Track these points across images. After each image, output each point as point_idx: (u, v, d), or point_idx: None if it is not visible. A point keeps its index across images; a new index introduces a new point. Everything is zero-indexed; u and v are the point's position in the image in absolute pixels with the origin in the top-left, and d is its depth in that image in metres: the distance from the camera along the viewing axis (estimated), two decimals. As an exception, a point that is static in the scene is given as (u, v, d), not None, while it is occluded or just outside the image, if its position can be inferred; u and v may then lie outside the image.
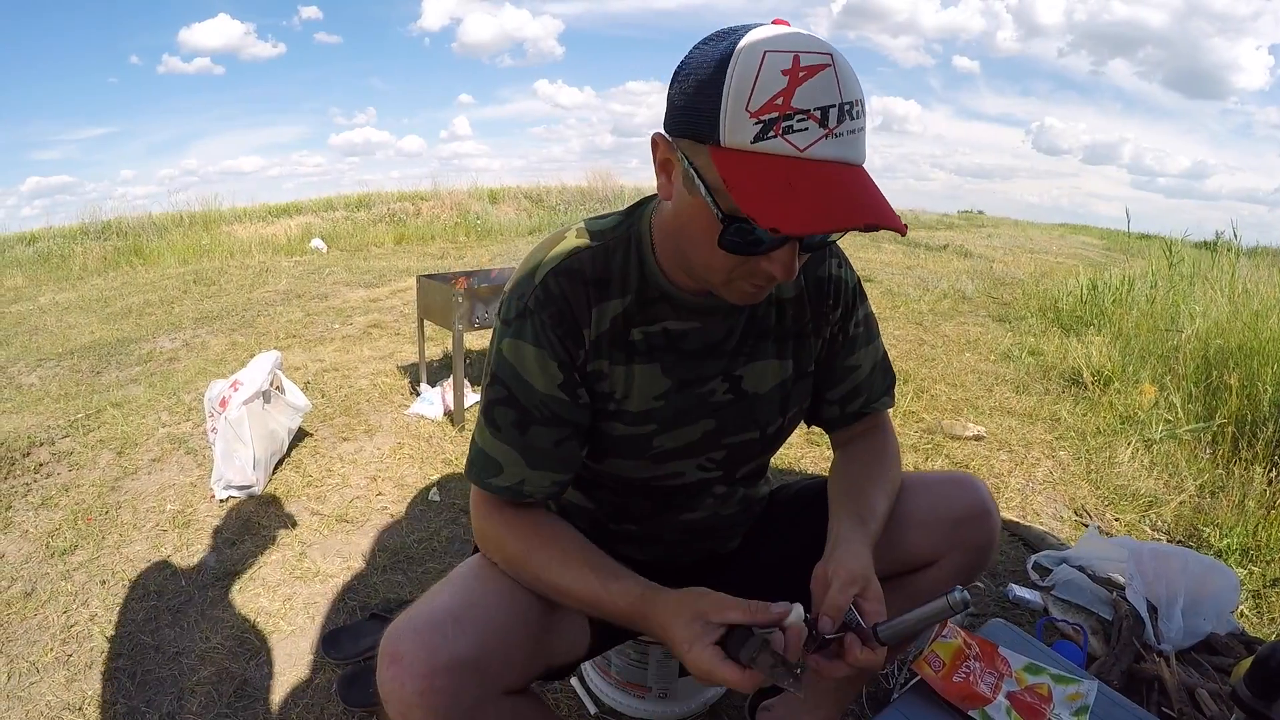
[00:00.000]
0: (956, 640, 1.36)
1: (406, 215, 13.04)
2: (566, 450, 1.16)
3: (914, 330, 6.06)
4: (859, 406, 1.36)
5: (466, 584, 1.16)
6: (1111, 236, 21.41)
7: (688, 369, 1.19)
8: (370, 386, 4.29)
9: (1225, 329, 4.78)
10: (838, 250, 1.30)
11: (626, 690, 1.86)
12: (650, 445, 1.22)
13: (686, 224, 0.98)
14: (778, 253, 0.94)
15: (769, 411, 1.28)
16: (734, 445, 1.29)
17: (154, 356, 4.83)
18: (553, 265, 1.13)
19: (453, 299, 3.49)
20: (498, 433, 1.14)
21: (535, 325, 1.11)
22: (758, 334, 1.23)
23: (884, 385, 1.39)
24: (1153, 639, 2.08)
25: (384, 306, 6.33)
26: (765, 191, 0.84)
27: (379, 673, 1.03)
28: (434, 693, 0.99)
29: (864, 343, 1.34)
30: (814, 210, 0.84)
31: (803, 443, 3.64)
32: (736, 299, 1.05)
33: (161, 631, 2.17)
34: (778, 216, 0.83)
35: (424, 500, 3.00)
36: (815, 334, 1.29)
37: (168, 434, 3.56)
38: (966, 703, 1.29)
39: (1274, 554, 2.71)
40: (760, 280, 0.99)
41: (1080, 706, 1.32)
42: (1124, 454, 3.65)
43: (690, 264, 1.05)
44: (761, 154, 0.84)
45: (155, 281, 7.60)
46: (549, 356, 1.11)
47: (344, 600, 2.35)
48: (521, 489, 1.15)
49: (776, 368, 1.26)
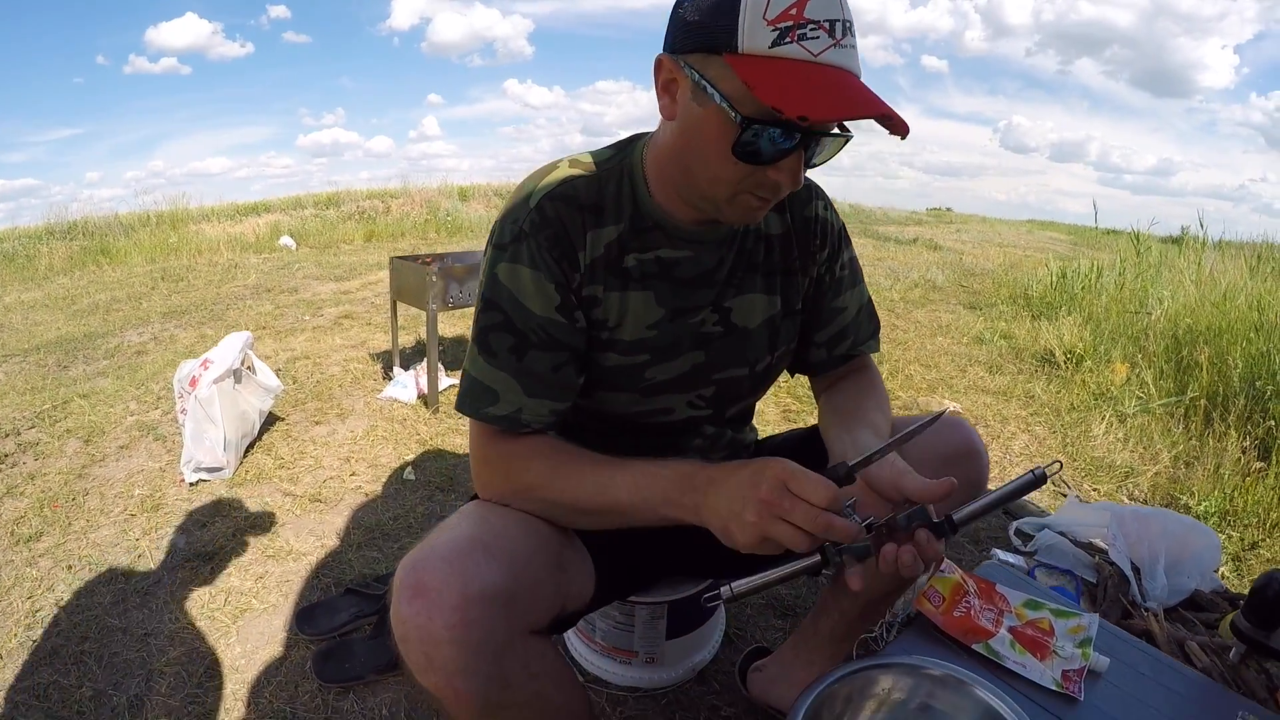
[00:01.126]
0: (954, 576, 1.35)
1: (376, 213, 12.87)
2: (564, 376, 1.15)
3: (886, 317, 6.07)
4: (846, 349, 1.38)
5: (483, 516, 1.10)
6: (1079, 232, 21.67)
7: (680, 298, 1.20)
8: (342, 373, 4.23)
9: (1194, 309, 4.87)
10: (823, 194, 1.34)
11: (612, 656, 1.83)
12: (642, 376, 1.22)
13: (694, 138, 1.00)
14: (785, 161, 0.97)
15: (758, 347, 1.29)
16: (723, 381, 1.29)
17: (121, 350, 4.73)
18: (547, 190, 1.13)
19: (427, 278, 3.45)
20: (493, 359, 1.12)
21: (531, 248, 1.10)
22: (746, 266, 1.25)
23: (870, 329, 1.41)
24: (1138, 597, 2.08)
25: (355, 298, 6.26)
26: (786, 87, 0.89)
27: (396, 609, 0.95)
28: (466, 625, 0.93)
29: (849, 285, 1.37)
30: (834, 100, 0.90)
31: (779, 419, 3.64)
32: (738, 216, 1.08)
33: (129, 614, 2.11)
34: (804, 106, 0.88)
35: (399, 479, 2.95)
36: (803, 272, 1.31)
37: (136, 422, 3.48)
38: (969, 636, 1.28)
39: (1251, 518, 2.77)
40: (767, 191, 1.02)
41: (1084, 638, 1.32)
42: (1099, 428, 3.70)
43: (695, 182, 1.06)
44: (779, 58, 0.89)
45: (122, 279, 7.44)
46: (546, 279, 1.10)
47: (318, 577, 2.31)
48: (519, 417, 1.12)
49: (764, 302, 1.28)
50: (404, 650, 0.95)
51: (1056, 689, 1.24)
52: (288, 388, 3.82)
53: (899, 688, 1.03)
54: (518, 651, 1.01)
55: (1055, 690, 1.24)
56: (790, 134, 0.94)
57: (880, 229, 16.56)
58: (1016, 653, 1.27)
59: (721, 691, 1.86)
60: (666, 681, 1.84)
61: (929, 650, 1.23)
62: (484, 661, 0.95)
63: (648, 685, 1.84)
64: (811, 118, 0.88)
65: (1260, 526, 2.74)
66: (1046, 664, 1.27)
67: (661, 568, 1.51)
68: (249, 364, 3.09)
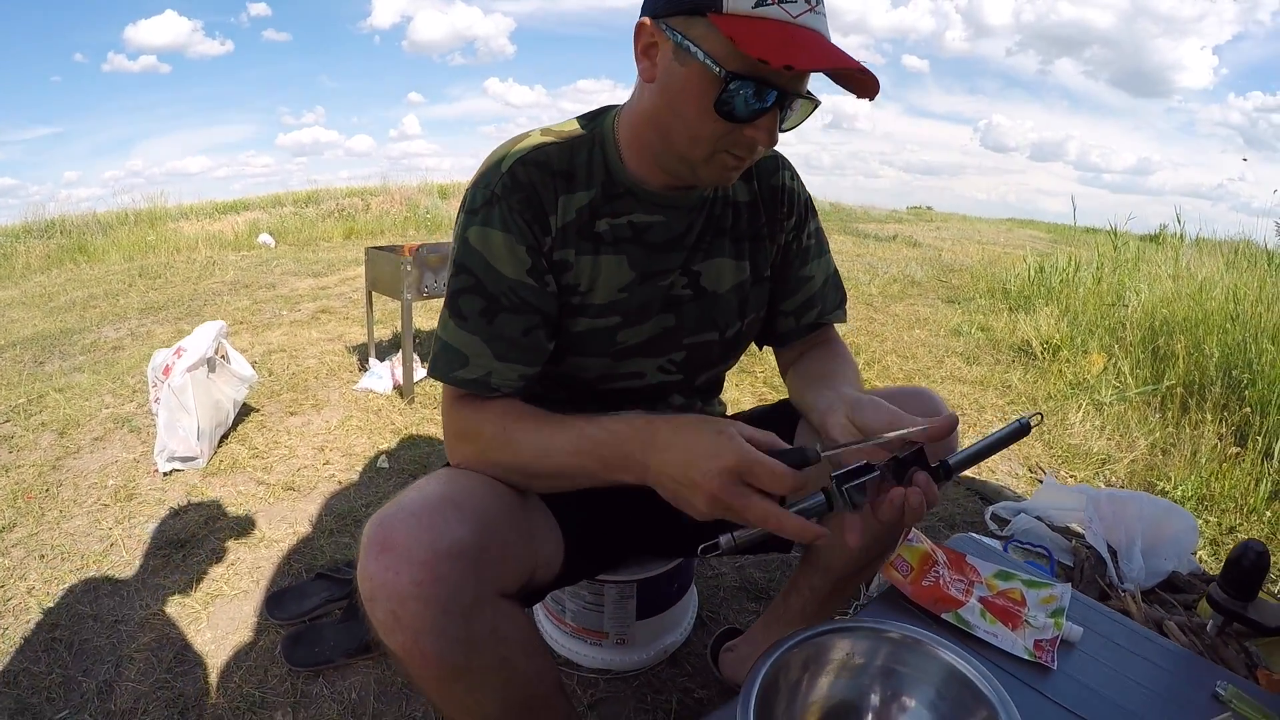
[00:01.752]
0: (923, 545, 1.34)
1: (356, 210, 12.86)
2: (534, 340, 1.15)
3: (864, 310, 6.12)
4: (814, 318, 1.40)
5: (451, 477, 1.08)
6: (1058, 230, 21.78)
7: (651, 261, 1.21)
8: (318, 365, 4.20)
9: (1170, 302, 4.92)
10: (789, 165, 1.38)
11: (582, 638, 1.81)
12: (614, 340, 1.23)
13: (675, 97, 1.03)
14: (762, 120, 1.00)
15: (727, 312, 1.31)
16: (693, 345, 1.30)
17: (98, 346, 4.69)
18: (519, 155, 1.15)
19: (401, 267, 3.42)
20: (463, 323, 1.12)
21: (503, 211, 1.11)
22: (715, 232, 1.27)
23: (836, 299, 1.43)
24: (1115, 579, 2.08)
25: (332, 294, 6.23)
26: (770, 42, 0.93)
27: (363, 566, 0.94)
28: (435, 582, 0.91)
29: (816, 255, 1.40)
30: (814, 53, 0.95)
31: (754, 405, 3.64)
32: (713, 177, 1.11)
33: (100, 601, 2.09)
34: (788, 56, 0.92)
35: (373, 468, 2.93)
36: (770, 239, 1.35)
37: (111, 414, 3.45)
38: (938, 605, 1.26)
39: (1228, 503, 2.79)
40: (743, 150, 1.05)
41: (1056, 609, 1.31)
42: (1075, 417, 3.72)
43: (673, 143, 1.08)
44: (760, 18, 0.94)
45: (100, 277, 7.38)
46: (517, 241, 1.12)
47: (289, 563, 2.29)
48: (489, 380, 1.12)
49: (733, 268, 1.30)
50: (370, 608, 0.94)
51: (1029, 658, 1.22)
52: (264, 380, 3.80)
53: (858, 652, 1.01)
54: (486, 613, 0.99)
55: (1027, 659, 1.22)
56: (766, 92, 0.98)
57: (860, 227, 16.64)
58: (987, 622, 1.26)
59: (694, 674, 1.84)
60: (638, 663, 1.83)
61: (897, 619, 1.21)
62: (451, 621, 0.94)
63: (619, 667, 1.82)
64: (796, 67, 0.92)
65: (1237, 511, 2.76)
66: (1018, 633, 1.26)
67: (630, 542, 1.49)
68: (223, 353, 3.06)
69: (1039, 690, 1.18)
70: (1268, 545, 2.50)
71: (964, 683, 0.94)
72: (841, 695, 1.01)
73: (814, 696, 1.00)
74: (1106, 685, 1.21)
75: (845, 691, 1.01)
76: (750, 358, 4.40)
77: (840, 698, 1.01)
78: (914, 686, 1.00)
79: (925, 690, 0.99)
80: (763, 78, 0.96)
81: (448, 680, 0.98)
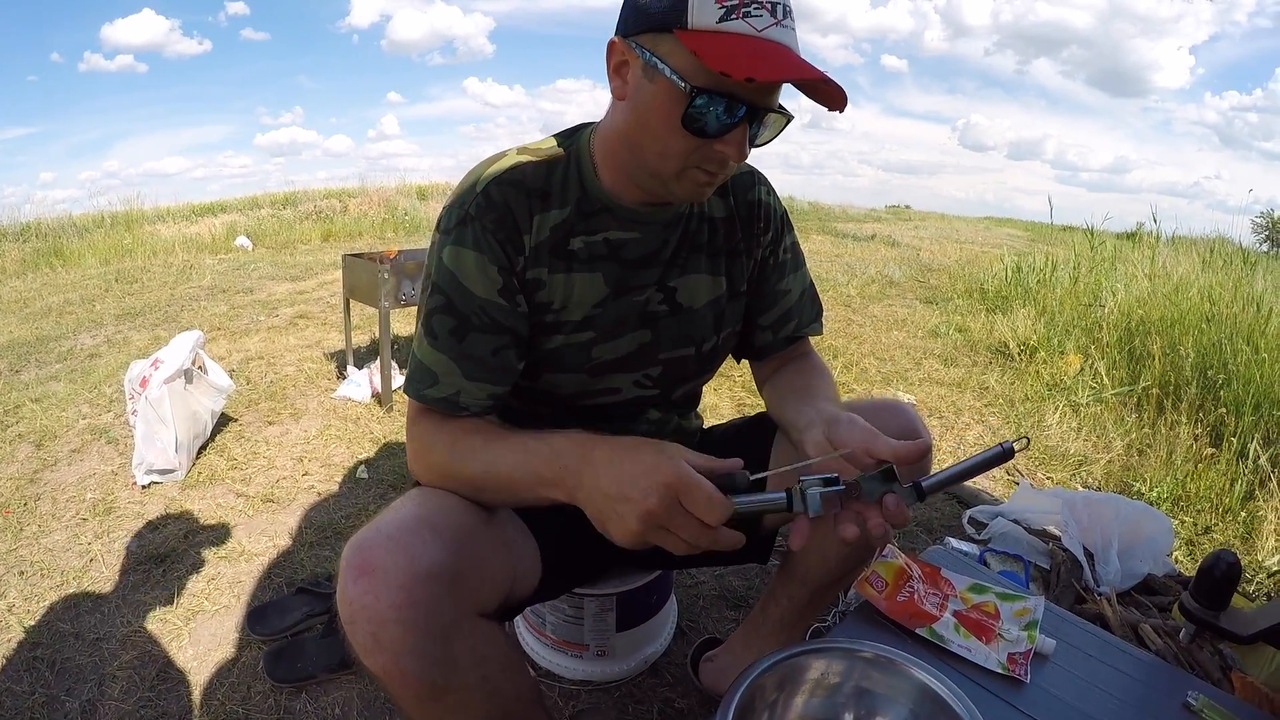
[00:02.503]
0: (898, 561, 1.35)
1: (334, 212, 12.79)
2: (504, 360, 1.15)
3: (842, 311, 6.14)
4: (790, 331, 1.42)
5: (426, 498, 1.08)
6: (1036, 228, 21.97)
7: (626, 277, 1.22)
8: (296, 373, 4.18)
9: (1147, 302, 4.95)
10: (765, 180, 1.39)
11: (563, 650, 1.81)
12: (589, 355, 1.23)
13: (645, 114, 1.04)
14: (731, 134, 1.01)
15: (703, 327, 1.32)
16: (669, 361, 1.31)
17: (74, 353, 4.65)
18: (494, 176, 1.15)
19: (378, 275, 3.41)
20: (435, 342, 1.13)
21: (476, 231, 1.12)
22: (691, 247, 1.28)
23: (813, 312, 1.46)
24: (1091, 582, 2.10)
25: (310, 298, 6.21)
26: (734, 55, 0.93)
27: (343, 589, 0.94)
28: (412, 605, 0.92)
29: (792, 269, 1.42)
30: (777, 64, 0.95)
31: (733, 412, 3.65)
32: (686, 193, 1.11)
33: (82, 619, 2.08)
34: (750, 69, 0.92)
35: (352, 478, 2.92)
36: (747, 254, 1.36)
37: (88, 425, 3.42)
38: (913, 621, 1.27)
39: (1204, 503, 2.82)
40: (713, 165, 1.06)
41: (1029, 621, 1.32)
42: (1052, 418, 3.75)
43: (644, 159, 1.09)
44: (725, 33, 0.95)
45: (76, 282, 7.32)
46: (489, 261, 1.12)
47: (270, 578, 2.28)
48: (457, 400, 1.13)
49: (709, 283, 1.32)
50: (350, 631, 0.94)
51: (1002, 671, 1.23)
52: (241, 388, 3.78)
53: (833, 671, 1.02)
54: (465, 633, 1.00)
55: (1001, 673, 1.24)
56: (735, 107, 0.98)
57: (839, 226, 16.71)
58: (961, 636, 1.27)
59: (674, 683, 1.85)
60: (619, 674, 1.83)
61: (872, 635, 1.23)
62: (431, 642, 0.94)
63: (600, 678, 1.82)
64: (757, 79, 0.92)
65: (1213, 511, 2.79)
66: (992, 647, 1.27)
67: (607, 558, 1.50)
68: (200, 364, 3.04)
69: (1012, 704, 1.19)
70: (1242, 545, 2.55)
71: (937, 702, 0.95)
72: (816, 715, 1.02)
73: (789, 716, 1.01)
74: (1079, 698, 1.23)
75: (820, 711, 1.02)
76: (729, 364, 4.40)
77: (815, 717, 1.02)
78: (888, 706, 1.01)
79: (899, 709, 1.01)
80: (730, 92, 0.97)
81: (428, 701, 0.98)
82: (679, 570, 2.20)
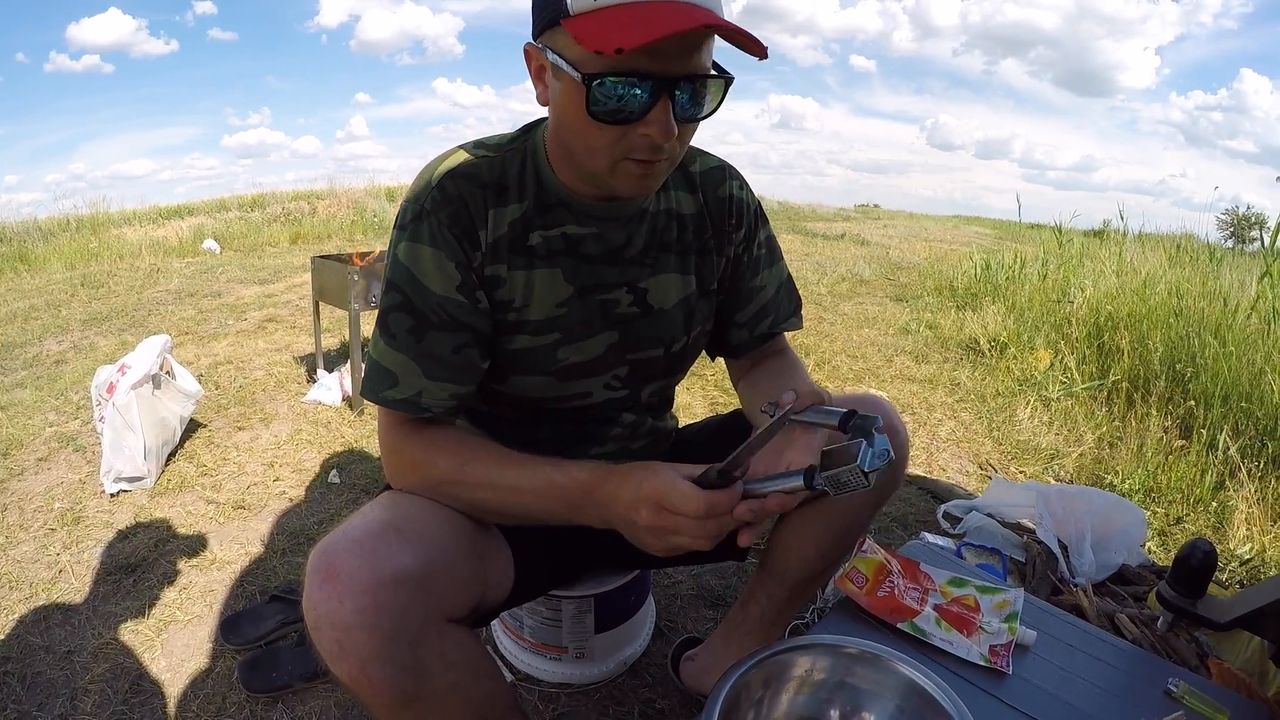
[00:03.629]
0: (878, 557, 1.35)
1: (302, 214, 12.68)
2: (465, 358, 1.12)
3: (813, 309, 6.15)
4: (767, 327, 1.38)
5: (396, 502, 1.07)
6: (1004, 226, 22.15)
7: (588, 275, 1.19)
8: (266, 377, 4.13)
9: (1115, 297, 5.00)
10: (737, 174, 1.34)
11: (541, 653, 1.79)
12: (555, 358, 1.20)
13: (563, 114, 1.01)
14: (650, 115, 0.95)
15: (672, 327, 1.28)
16: (638, 361, 1.28)
17: (40, 360, 4.57)
18: (449, 169, 1.12)
19: (348, 277, 3.38)
20: (393, 341, 1.10)
21: (432, 226, 1.08)
22: (659, 246, 1.24)
23: (790, 307, 1.42)
24: (1067, 574, 2.11)
25: (279, 301, 6.14)
26: (608, 30, 0.88)
27: (308, 595, 0.92)
28: (378, 610, 0.90)
29: (767, 264, 1.37)
30: (651, 25, 0.87)
31: (707, 412, 3.64)
32: (628, 188, 1.05)
33: (52, 631, 2.03)
34: (619, 38, 0.86)
35: (324, 484, 2.89)
36: (718, 251, 1.32)
37: (55, 433, 3.36)
38: (893, 615, 1.27)
39: (1175, 494, 2.86)
40: (642, 152, 0.99)
41: (1009, 613, 1.33)
42: (1024, 413, 3.78)
43: (576, 159, 1.06)
44: (606, 7, 0.90)
45: (41, 287, 7.20)
46: (446, 257, 1.09)
47: (243, 585, 2.25)
48: (419, 401, 1.09)
49: (679, 282, 1.27)
50: (316, 638, 0.92)
51: (984, 664, 1.24)
52: (210, 393, 3.72)
53: (818, 668, 1.02)
54: (434, 640, 0.98)
55: (983, 665, 1.24)
56: (637, 85, 0.92)
57: (808, 225, 16.77)
58: (943, 630, 1.27)
59: (654, 684, 1.84)
60: (598, 676, 1.82)
61: (854, 631, 1.23)
62: (398, 648, 0.92)
63: (579, 681, 1.81)
64: (626, 47, 0.85)
65: (1184, 502, 2.82)
66: (973, 640, 1.27)
67: (583, 560, 1.49)
68: (168, 369, 2.99)
69: (995, 695, 1.19)
70: (1214, 535, 2.58)
71: (923, 696, 0.95)
72: (802, 712, 1.01)
73: (776, 713, 1.00)
74: (1061, 687, 1.23)
75: (806, 708, 1.02)
76: (701, 362, 4.40)
77: (801, 714, 1.01)
78: (874, 701, 1.01)
79: (885, 704, 1.00)
80: (628, 71, 0.91)
81: (398, 708, 0.97)
82: (657, 570, 2.19)
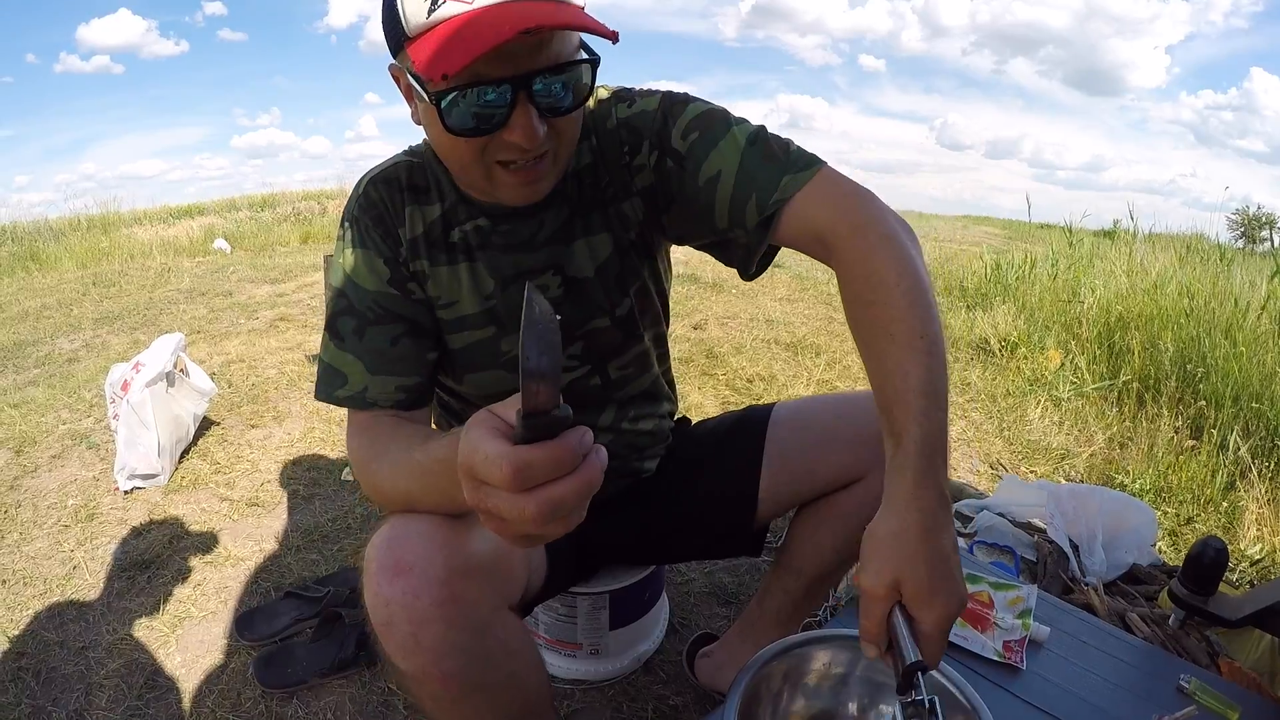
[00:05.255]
0: (893, 553, 1.35)
1: (312, 214, 12.71)
2: (403, 350, 1.15)
3: (824, 309, 6.15)
4: (761, 213, 1.06)
5: None
6: (1013, 226, 22.04)
7: (508, 265, 1.19)
8: (278, 375, 4.15)
9: (1125, 297, 4.98)
10: (624, 94, 1.18)
11: (557, 649, 1.81)
12: (499, 350, 1.23)
13: (429, 133, 1.04)
14: (511, 119, 0.92)
15: (604, 293, 1.24)
16: (587, 334, 1.26)
17: (52, 358, 4.60)
18: (372, 176, 1.18)
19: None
20: (341, 343, 1.14)
21: (359, 230, 1.15)
22: (571, 214, 1.19)
23: (775, 169, 1.07)
24: (1078, 573, 2.12)
25: (290, 300, 6.16)
26: (436, 49, 0.86)
27: (375, 592, 0.90)
28: (454, 601, 0.90)
29: (707, 146, 1.09)
30: (470, 43, 0.84)
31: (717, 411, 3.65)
32: (514, 195, 1.05)
33: (66, 627, 2.06)
34: (444, 63, 0.84)
35: (337, 481, 2.91)
36: (625, 194, 1.19)
37: (68, 430, 3.38)
38: (908, 611, 1.28)
39: (1185, 495, 2.85)
40: (513, 155, 0.97)
41: (1023, 609, 1.33)
42: (1034, 413, 3.77)
43: (456, 176, 1.11)
44: (438, 22, 0.88)
45: (52, 286, 7.24)
46: (374, 255, 1.14)
47: (257, 582, 2.27)
48: (365, 396, 1.12)
49: (591, 246, 1.21)
50: (386, 634, 0.91)
51: (999, 659, 1.25)
52: (223, 392, 3.74)
53: (838, 662, 1.02)
54: (498, 628, 0.99)
55: (997, 660, 1.25)
56: (484, 93, 0.90)
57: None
58: (958, 625, 1.28)
59: (669, 680, 1.85)
60: (612, 673, 1.83)
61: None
62: (470, 638, 0.93)
63: (593, 677, 1.83)
64: (450, 72, 0.83)
65: (1194, 502, 2.82)
66: (988, 635, 1.28)
67: (604, 552, 1.50)
68: (182, 366, 3.02)
69: (1010, 690, 1.20)
70: (1225, 535, 2.58)
71: (941, 690, 0.96)
72: (822, 705, 1.02)
73: (795, 706, 1.01)
74: (1074, 682, 1.24)
75: (825, 701, 1.02)
76: (711, 360, 4.42)
77: (821, 707, 1.02)
78: (891, 695, 1.02)
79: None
80: (475, 80, 0.88)
81: (461, 700, 0.97)
82: (670, 567, 2.20)
